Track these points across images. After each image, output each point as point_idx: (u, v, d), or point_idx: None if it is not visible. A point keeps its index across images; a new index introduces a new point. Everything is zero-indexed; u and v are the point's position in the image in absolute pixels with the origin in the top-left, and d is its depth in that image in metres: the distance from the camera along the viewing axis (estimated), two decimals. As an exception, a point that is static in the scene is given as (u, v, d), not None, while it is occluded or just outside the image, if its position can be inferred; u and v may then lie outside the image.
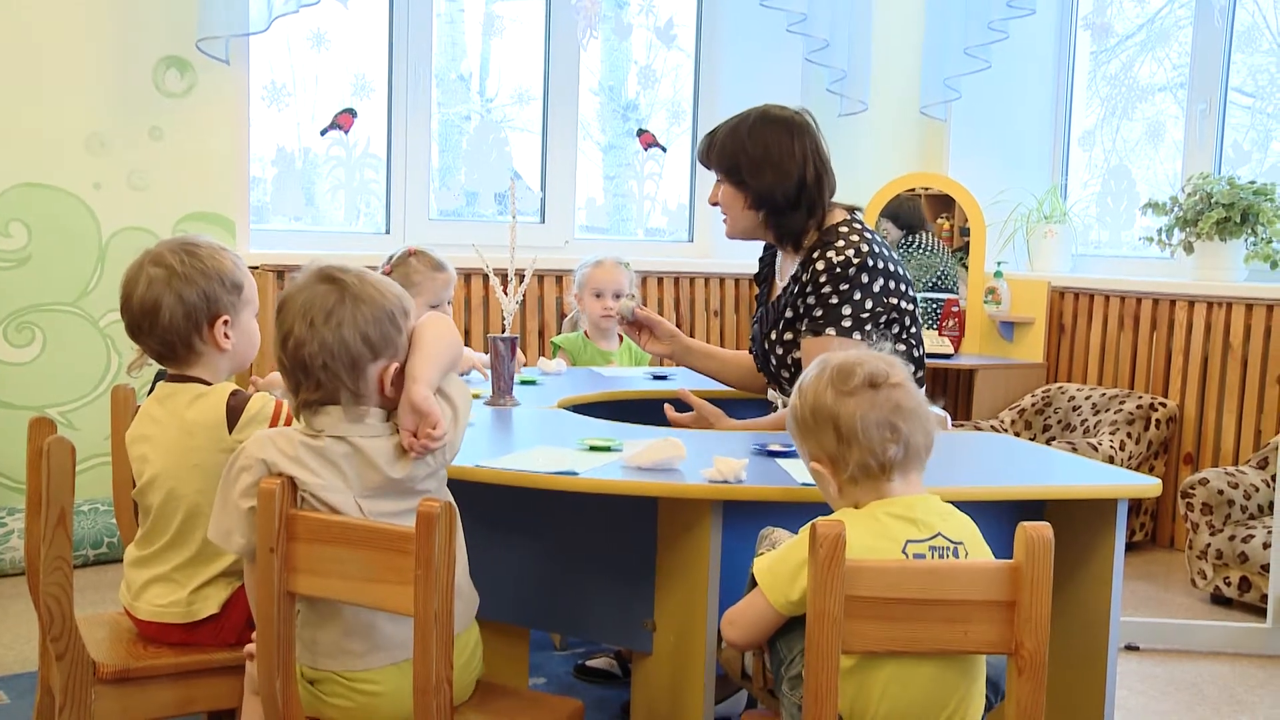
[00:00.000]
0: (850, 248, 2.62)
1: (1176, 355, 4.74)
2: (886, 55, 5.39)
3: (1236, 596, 3.88)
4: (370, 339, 1.77)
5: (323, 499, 1.77)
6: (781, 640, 1.82)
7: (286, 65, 4.71)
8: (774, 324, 2.78)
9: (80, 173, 4.07)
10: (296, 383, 1.78)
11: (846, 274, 2.61)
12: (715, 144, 2.75)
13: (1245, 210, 4.52)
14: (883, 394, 1.77)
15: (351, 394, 1.77)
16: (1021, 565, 1.62)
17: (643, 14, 5.32)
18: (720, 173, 2.75)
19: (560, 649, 3.25)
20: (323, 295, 1.77)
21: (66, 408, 4.09)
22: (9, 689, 2.92)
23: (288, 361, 1.78)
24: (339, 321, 1.75)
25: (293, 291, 1.80)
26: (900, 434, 1.77)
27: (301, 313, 1.76)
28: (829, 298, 2.62)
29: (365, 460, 1.78)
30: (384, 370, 1.79)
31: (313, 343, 1.74)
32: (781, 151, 2.69)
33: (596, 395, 3.08)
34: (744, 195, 2.72)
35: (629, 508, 2.13)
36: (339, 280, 1.78)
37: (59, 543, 1.93)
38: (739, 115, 2.78)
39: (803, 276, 2.68)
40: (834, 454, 1.78)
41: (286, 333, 1.77)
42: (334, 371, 1.75)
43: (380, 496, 1.79)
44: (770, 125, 2.71)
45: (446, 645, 1.65)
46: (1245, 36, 4.96)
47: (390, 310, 1.80)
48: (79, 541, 3.86)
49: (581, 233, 5.26)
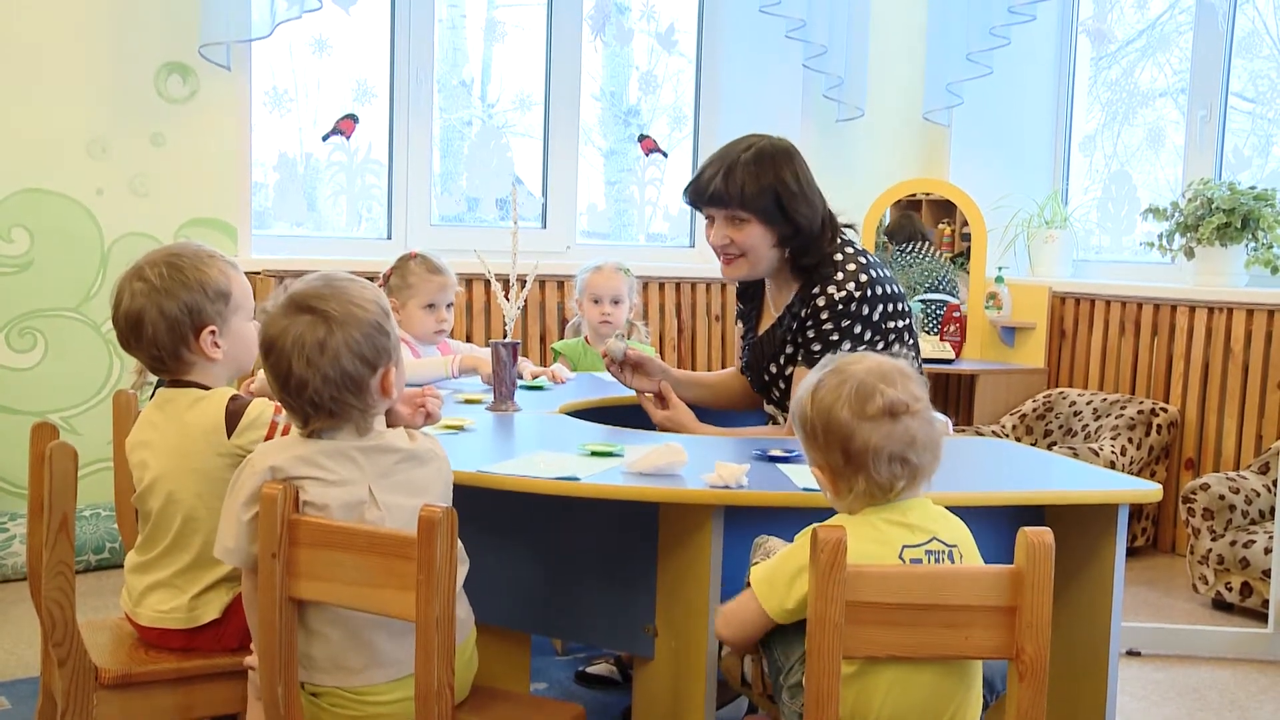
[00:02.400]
0: (850, 280, 2.60)
1: (1177, 360, 4.74)
2: (887, 61, 5.39)
3: (1238, 602, 3.88)
4: (366, 357, 1.79)
5: (332, 500, 1.78)
6: (779, 649, 1.82)
7: (288, 71, 4.72)
8: (773, 357, 2.75)
9: (82, 178, 4.08)
10: (306, 416, 1.81)
11: (849, 310, 2.60)
12: (739, 178, 2.59)
13: (1246, 215, 4.52)
14: (901, 425, 1.73)
15: (361, 411, 1.81)
16: (1022, 570, 1.62)
17: (644, 19, 5.33)
18: (752, 212, 2.61)
19: (561, 654, 3.25)
20: (310, 328, 1.77)
21: (69, 413, 4.10)
22: (10, 694, 2.92)
23: (293, 401, 1.80)
24: (334, 353, 1.76)
25: (275, 331, 1.79)
26: (910, 466, 1.75)
27: (296, 352, 1.76)
28: (829, 334, 2.61)
29: (377, 446, 1.83)
30: (384, 376, 1.82)
31: (315, 379, 1.76)
32: (808, 182, 2.65)
33: (597, 401, 3.07)
34: (774, 232, 2.63)
35: (630, 513, 2.13)
36: (319, 310, 1.78)
37: (61, 548, 1.93)
38: (742, 147, 2.65)
39: (801, 312, 2.65)
40: (838, 471, 1.76)
41: (285, 374, 1.78)
42: (342, 400, 1.78)
43: (393, 488, 1.81)
44: (788, 156, 2.65)
45: (448, 651, 1.66)
46: (1245, 42, 4.97)
47: (374, 320, 1.81)
48: (81, 546, 3.87)
49: (583, 238, 5.26)
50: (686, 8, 5.38)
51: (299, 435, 1.84)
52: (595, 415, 2.87)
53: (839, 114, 5.11)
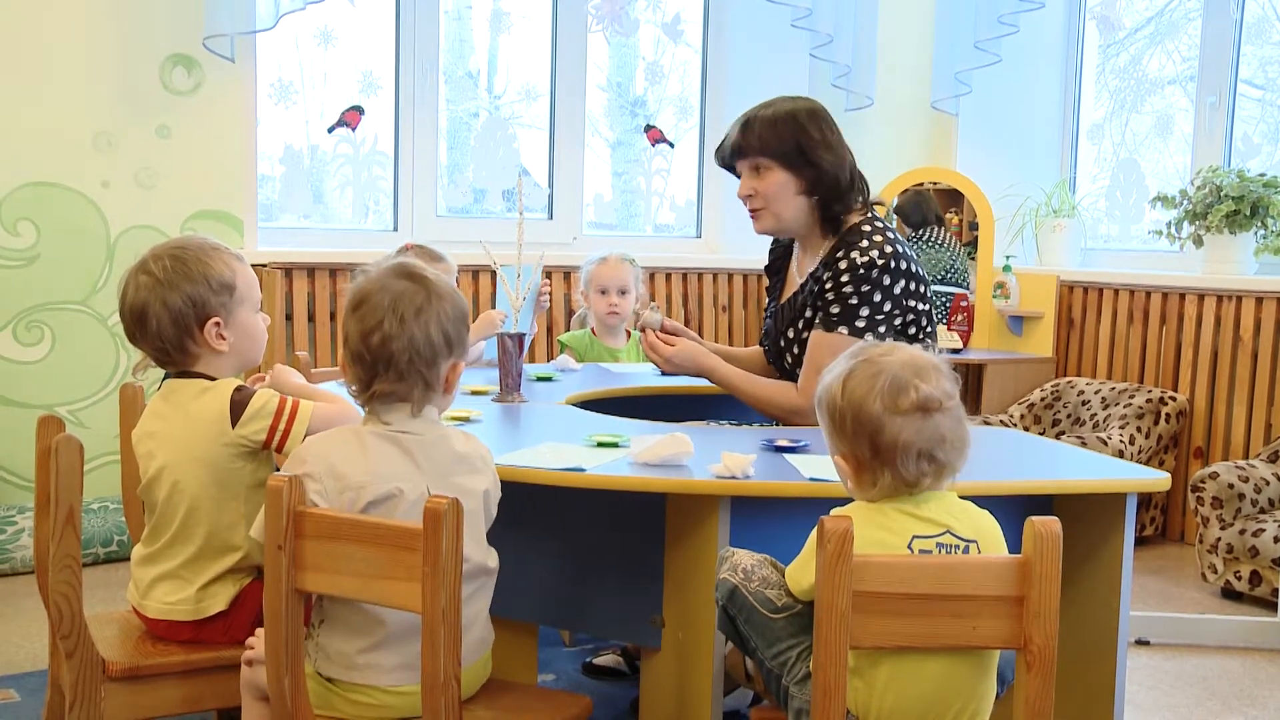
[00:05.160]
0: (874, 248, 2.61)
1: (1186, 349, 4.72)
2: (895, 50, 5.38)
3: (1247, 591, 3.87)
4: (449, 337, 1.86)
5: (389, 492, 1.81)
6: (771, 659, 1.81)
7: (294, 63, 4.71)
8: (792, 322, 2.77)
9: (88, 171, 4.08)
10: (373, 375, 1.84)
11: (870, 275, 2.60)
12: (759, 130, 2.66)
13: (1255, 203, 4.50)
14: (932, 422, 1.71)
15: (425, 387, 1.85)
16: (1030, 560, 1.61)
17: (650, 9, 5.32)
18: (772, 158, 2.65)
19: (569, 645, 3.26)
20: (411, 293, 1.84)
21: (76, 406, 4.11)
22: (19, 687, 2.93)
23: (369, 355, 1.83)
24: (428, 319, 1.83)
25: (373, 288, 1.85)
26: (936, 463, 1.73)
27: (391, 308, 1.82)
28: (849, 297, 2.61)
29: (435, 446, 1.86)
30: (453, 368, 1.88)
31: (402, 338, 1.81)
32: (836, 137, 2.69)
33: (604, 391, 3.07)
34: (800, 180, 2.66)
35: (637, 504, 2.13)
36: (422, 279, 1.86)
37: (68, 541, 1.93)
38: (769, 105, 2.71)
39: (824, 275, 2.66)
40: (864, 463, 1.74)
41: (373, 327, 1.82)
42: (417, 366, 1.83)
43: (445, 488, 1.83)
44: (820, 112, 2.70)
45: (454, 642, 1.65)
46: (1255, 28, 4.94)
47: (463, 311, 1.90)
48: (89, 540, 3.87)
49: (589, 229, 5.25)
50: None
51: (360, 427, 1.87)
52: (601, 406, 2.87)
53: (847, 103, 5.09)
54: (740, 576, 1.84)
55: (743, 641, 1.86)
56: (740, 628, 1.84)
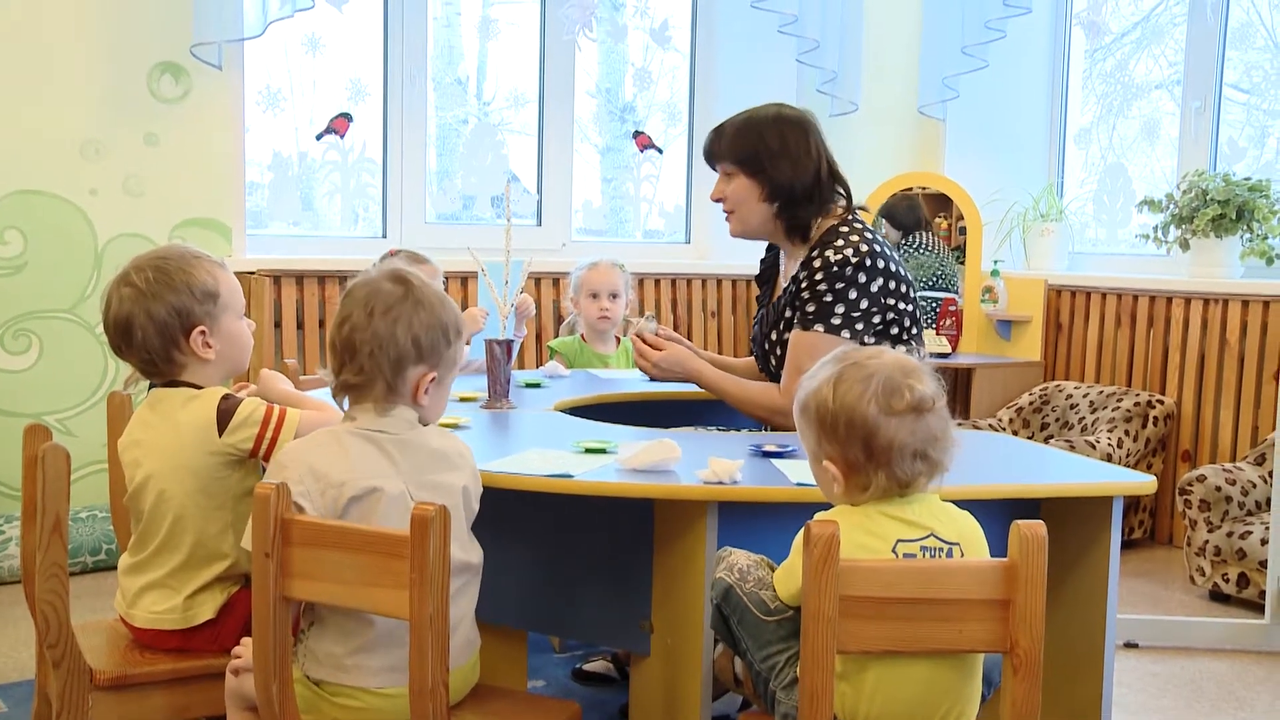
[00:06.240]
0: (849, 247, 2.63)
1: (1173, 352, 4.74)
2: (881, 55, 5.39)
3: (1235, 593, 3.88)
4: (419, 343, 1.86)
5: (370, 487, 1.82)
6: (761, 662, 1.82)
7: (282, 70, 4.71)
8: (774, 325, 2.79)
9: (76, 179, 4.07)
10: (341, 363, 1.88)
11: (844, 273, 2.61)
12: (727, 136, 2.75)
13: (1241, 207, 4.51)
14: (925, 421, 1.73)
15: (387, 387, 1.86)
16: (1016, 563, 1.62)
17: (638, 16, 5.33)
18: (734, 164, 2.74)
19: (559, 652, 3.25)
20: (388, 292, 1.87)
21: (64, 414, 4.10)
22: (6, 697, 2.92)
23: (338, 342, 1.87)
24: (395, 318, 1.85)
25: (360, 283, 1.90)
26: (930, 461, 1.74)
27: (363, 303, 1.86)
28: (824, 295, 2.63)
29: (410, 444, 1.87)
30: (423, 376, 1.88)
31: (366, 330, 1.85)
32: (798, 146, 2.72)
33: (592, 398, 3.08)
34: (760, 187, 2.72)
35: (625, 510, 2.13)
36: (407, 282, 1.89)
37: (54, 550, 1.93)
38: (746, 112, 2.78)
39: (801, 276, 2.68)
40: (855, 465, 1.74)
41: (345, 317, 1.87)
42: (378, 362, 1.85)
43: (423, 485, 1.85)
44: (785, 121, 2.74)
45: (442, 648, 1.66)
46: (1240, 33, 4.97)
47: (446, 323, 1.90)
48: (77, 548, 3.86)
49: (578, 235, 5.26)
50: (680, 4, 5.37)
51: (338, 427, 1.88)
52: (590, 413, 2.87)
53: (833, 109, 5.10)
54: (736, 576, 1.85)
55: (735, 642, 1.86)
56: (734, 628, 1.85)
